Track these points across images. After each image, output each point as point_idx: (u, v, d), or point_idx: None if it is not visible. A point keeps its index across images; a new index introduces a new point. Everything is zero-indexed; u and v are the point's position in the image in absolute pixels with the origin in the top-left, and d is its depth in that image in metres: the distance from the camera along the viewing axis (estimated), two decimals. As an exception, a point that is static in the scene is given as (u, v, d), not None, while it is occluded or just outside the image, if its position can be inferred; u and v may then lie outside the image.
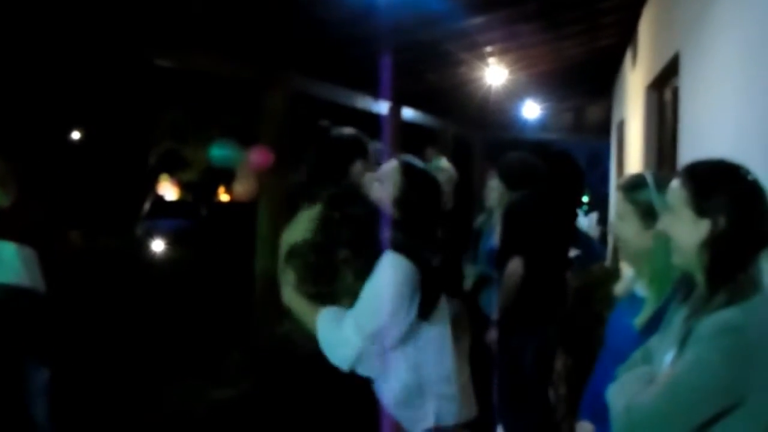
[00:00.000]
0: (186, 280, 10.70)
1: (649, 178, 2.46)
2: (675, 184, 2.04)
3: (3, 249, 4.40)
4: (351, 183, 3.08)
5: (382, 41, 6.69)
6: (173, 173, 14.10)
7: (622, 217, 2.49)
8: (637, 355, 2.19)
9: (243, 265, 7.59)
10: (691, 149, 4.12)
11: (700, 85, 3.89)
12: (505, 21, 7.23)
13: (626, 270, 2.82)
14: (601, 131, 15.06)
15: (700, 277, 1.99)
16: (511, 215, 4.96)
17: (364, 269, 2.78)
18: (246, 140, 6.31)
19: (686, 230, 1.98)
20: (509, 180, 5.17)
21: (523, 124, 15.59)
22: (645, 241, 2.39)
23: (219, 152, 5.95)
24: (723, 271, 1.91)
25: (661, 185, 2.31)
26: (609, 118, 14.00)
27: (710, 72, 3.58)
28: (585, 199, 13.63)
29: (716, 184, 1.94)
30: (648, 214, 2.38)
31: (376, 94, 8.96)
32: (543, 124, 16.62)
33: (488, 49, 8.56)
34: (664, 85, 5.96)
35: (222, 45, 5.81)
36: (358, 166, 3.12)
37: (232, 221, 13.45)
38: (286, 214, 6.71)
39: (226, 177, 14.16)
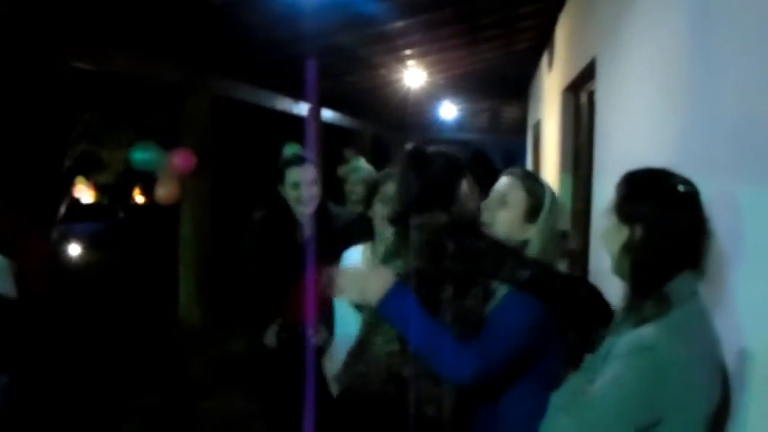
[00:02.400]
0: (104, 284, 10.54)
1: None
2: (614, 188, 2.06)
3: None
4: (463, 209, 2.61)
5: (304, 45, 6.72)
6: (89, 176, 13.86)
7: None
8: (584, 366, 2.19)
9: (162, 267, 7.53)
10: (606, 150, 4.25)
11: (615, 89, 3.99)
12: (424, 25, 7.31)
13: None
14: (517, 131, 15.36)
15: (626, 285, 2.01)
16: None
17: (465, 312, 2.45)
18: (166, 143, 6.25)
19: (611, 236, 2.01)
20: None
21: (441, 125, 15.79)
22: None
23: (141, 155, 5.87)
24: (644, 283, 1.91)
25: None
26: (525, 119, 14.29)
27: (625, 77, 3.68)
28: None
29: (642, 191, 1.95)
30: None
31: (297, 96, 8.99)
32: (460, 125, 16.87)
33: (407, 52, 8.66)
34: (580, 89, 6.11)
35: (143, 47, 5.75)
36: (464, 188, 2.64)
37: (150, 224, 13.30)
38: (208, 217, 6.72)
39: (142, 179, 13.92)
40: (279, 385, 4.10)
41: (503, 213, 2.61)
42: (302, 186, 3.99)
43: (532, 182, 2.69)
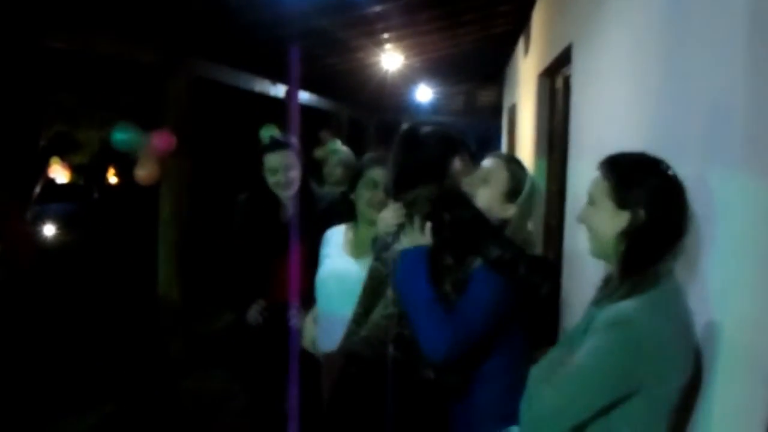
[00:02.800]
0: (80, 264, 10.53)
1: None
2: (597, 175, 2.10)
3: None
4: (454, 183, 2.72)
5: (284, 28, 6.76)
6: (64, 156, 13.76)
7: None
8: (562, 340, 2.28)
9: (138, 247, 7.54)
10: (581, 135, 4.33)
11: (591, 74, 4.05)
12: (403, 10, 7.36)
13: None
14: (492, 114, 15.43)
15: (613, 267, 2.09)
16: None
17: (462, 279, 2.53)
18: (144, 123, 6.27)
19: (606, 221, 2.04)
20: None
21: (416, 107, 15.83)
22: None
23: (121, 135, 5.88)
24: (637, 263, 1.99)
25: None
26: (500, 102, 14.37)
27: (601, 63, 3.74)
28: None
29: (638, 177, 2.01)
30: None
31: (275, 78, 9.01)
32: (435, 107, 16.91)
33: (385, 35, 8.71)
34: (556, 74, 6.17)
35: (122, 28, 5.75)
36: (456, 164, 2.75)
37: (125, 204, 13.24)
38: (188, 197, 6.75)
39: (116, 159, 13.85)
40: (261, 362, 4.17)
41: (484, 190, 2.70)
42: (280, 171, 4.04)
43: (516, 166, 2.81)
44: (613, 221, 2.02)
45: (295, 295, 3.89)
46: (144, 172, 6.02)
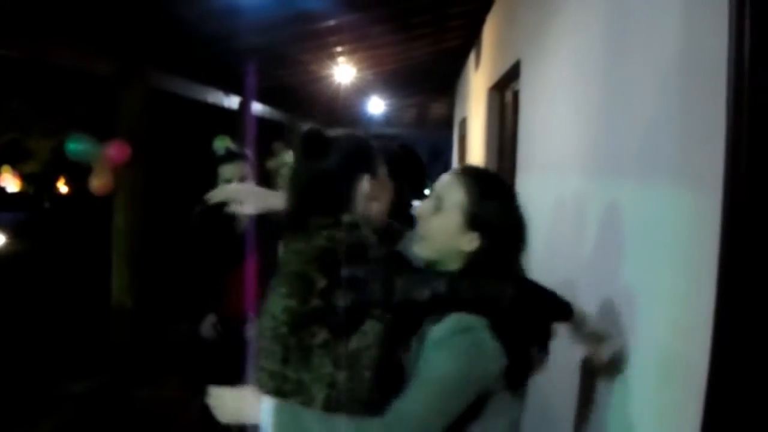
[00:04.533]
0: (30, 273, 10.43)
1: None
2: (451, 181, 2.02)
3: None
4: (358, 216, 2.09)
5: (238, 40, 6.82)
6: (15, 165, 13.60)
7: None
8: None
9: (89, 257, 7.52)
10: (529, 147, 4.45)
11: (538, 90, 4.18)
12: (355, 24, 7.45)
13: None
14: (443, 127, 15.60)
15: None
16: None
17: (352, 357, 1.91)
18: (99, 134, 6.27)
19: (450, 234, 1.97)
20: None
21: (369, 119, 15.94)
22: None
23: (75, 145, 5.88)
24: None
25: None
26: (451, 115, 14.54)
27: (547, 79, 3.87)
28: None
29: (493, 198, 1.97)
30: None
31: (228, 90, 9.05)
32: (388, 119, 17.05)
33: (338, 49, 8.79)
34: (506, 88, 6.32)
35: (78, 38, 5.74)
36: (365, 186, 2.11)
37: (76, 214, 13.10)
38: (142, 207, 6.76)
39: (68, 168, 13.72)
40: (215, 373, 4.19)
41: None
42: (234, 182, 4.05)
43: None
44: (459, 238, 1.97)
45: (252, 307, 3.91)
46: (98, 182, 6.02)
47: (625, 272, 2.21)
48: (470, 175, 2.03)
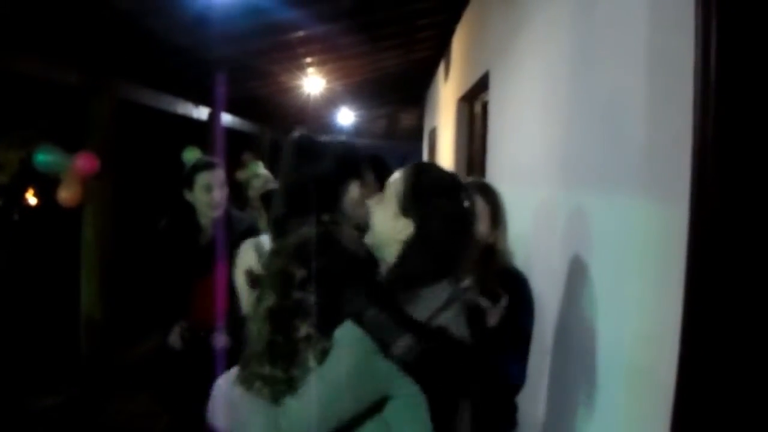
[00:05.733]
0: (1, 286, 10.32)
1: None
2: (396, 175, 2.10)
3: None
4: (346, 216, 2.22)
5: (207, 51, 6.81)
6: (-19, 177, 13.44)
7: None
8: None
9: (59, 269, 7.45)
10: (498, 157, 4.49)
11: (507, 100, 4.22)
12: (325, 35, 7.47)
13: None
14: (413, 137, 15.64)
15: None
16: None
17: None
18: (68, 145, 6.22)
19: (387, 218, 2.05)
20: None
21: (338, 130, 15.95)
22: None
23: (44, 157, 5.84)
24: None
25: None
26: (421, 126, 14.59)
27: (517, 89, 3.91)
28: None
29: (429, 193, 2.01)
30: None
31: (197, 101, 9.02)
32: (357, 130, 17.07)
33: (308, 60, 8.80)
34: (475, 99, 6.36)
35: (46, 50, 5.71)
36: (354, 190, 2.26)
37: (45, 226, 12.96)
38: (111, 219, 6.72)
39: (36, 180, 13.59)
40: (184, 385, 4.17)
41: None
42: (214, 189, 4.05)
43: (486, 190, 2.80)
44: (394, 224, 2.04)
45: (220, 317, 3.89)
46: (67, 194, 5.98)
47: (593, 282, 2.23)
48: (413, 167, 2.09)
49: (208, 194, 4.03)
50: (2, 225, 13.06)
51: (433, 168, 2.13)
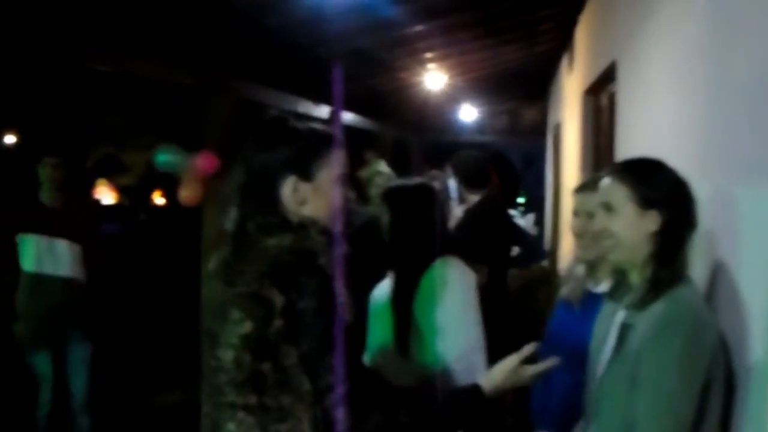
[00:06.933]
0: (125, 284, 10.61)
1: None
2: (609, 182, 2.07)
3: (58, 246, 5.06)
4: (303, 218, 1.92)
5: (325, 48, 6.78)
6: (111, 177, 13.91)
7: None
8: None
9: (185, 268, 7.56)
10: (628, 153, 4.25)
11: (637, 91, 4.00)
12: (444, 29, 7.35)
13: (576, 269, 2.86)
14: (537, 134, 15.32)
15: (636, 272, 2.06)
16: (475, 220, 4.94)
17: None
18: (189, 146, 6.31)
19: (631, 225, 2.01)
20: (469, 180, 5.13)
21: (460, 127, 15.78)
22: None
23: (164, 157, 5.95)
24: (669, 261, 1.98)
25: None
26: (544, 121, 14.27)
27: (646, 79, 3.69)
28: (521, 200, 13.81)
29: (654, 177, 2.03)
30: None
31: (317, 99, 9.03)
32: (480, 127, 16.85)
33: (428, 55, 8.70)
34: (601, 91, 6.11)
35: (165, 51, 5.80)
36: (288, 187, 1.93)
37: (171, 225, 13.30)
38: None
39: (163, 181, 14.02)
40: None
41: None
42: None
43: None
44: (640, 224, 2.00)
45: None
46: (187, 193, 6.05)
47: (739, 281, 2.04)
48: (619, 169, 2.10)
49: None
50: (129, 225, 13.48)
51: (634, 160, 2.16)
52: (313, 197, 1.93)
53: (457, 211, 5.21)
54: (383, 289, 2.91)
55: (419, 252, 2.76)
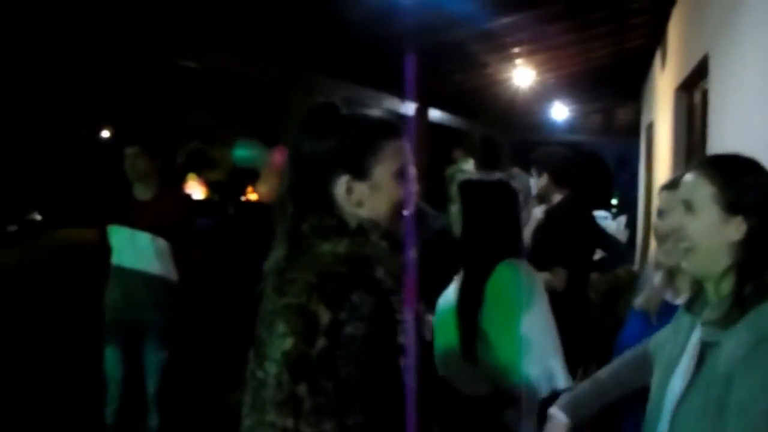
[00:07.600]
0: (215, 279, 10.74)
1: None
2: (693, 178, 1.84)
3: (139, 238, 4.86)
4: (363, 221, 1.71)
5: (407, 41, 6.68)
6: (201, 173, 14.14)
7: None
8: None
9: (262, 263, 7.60)
10: (720, 151, 4.04)
11: (729, 87, 3.82)
12: (532, 22, 7.20)
13: (654, 276, 2.64)
14: (630, 133, 14.99)
15: (711, 284, 1.84)
16: (555, 221, 4.75)
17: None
18: (272, 140, 6.31)
19: (711, 230, 1.79)
20: (555, 175, 4.87)
21: (551, 126, 15.54)
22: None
23: (242, 152, 5.94)
24: (754, 273, 1.75)
25: None
26: (638, 120, 13.92)
27: (739, 74, 3.52)
28: (614, 201, 13.48)
29: (746, 178, 1.78)
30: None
31: (403, 96, 8.95)
32: (571, 126, 16.56)
33: (516, 50, 8.54)
34: (694, 87, 5.90)
35: (246, 46, 5.82)
36: (341, 186, 1.71)
37: (260, 220, 13.41)
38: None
39: (254, 177, 14.20)
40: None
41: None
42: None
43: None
44: (722, 230, 1.77)
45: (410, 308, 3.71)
46: (265, 188, 6.03)
47: None
48: (707, 165, 1.85)
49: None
50: (219, 220, 13.73)
51: (727, 157, 1.89)
52: (370, 198, 1.71)
53: (537, 212, 5.05)
54: (448, 294, 2.80)
55: (488, 251, 2.65)
